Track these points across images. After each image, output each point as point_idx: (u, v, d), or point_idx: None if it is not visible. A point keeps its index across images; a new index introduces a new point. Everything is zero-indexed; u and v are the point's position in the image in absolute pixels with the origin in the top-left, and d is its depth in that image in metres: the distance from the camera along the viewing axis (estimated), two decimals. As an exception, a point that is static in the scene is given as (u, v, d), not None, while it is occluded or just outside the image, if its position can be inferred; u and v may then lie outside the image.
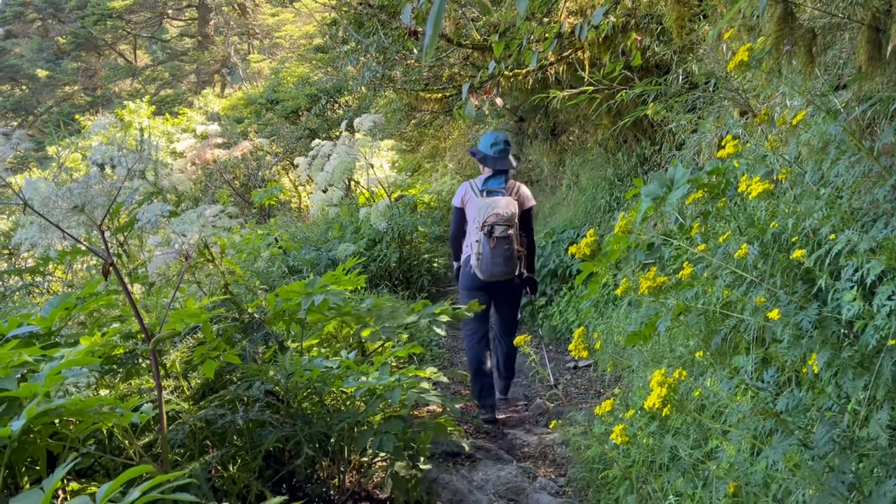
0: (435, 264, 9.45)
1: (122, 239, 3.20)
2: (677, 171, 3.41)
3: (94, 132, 10.21)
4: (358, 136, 8.94)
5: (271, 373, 2.93)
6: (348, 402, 3.41)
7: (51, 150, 13.41)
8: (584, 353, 3.06)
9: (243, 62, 27.00)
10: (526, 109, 10.86)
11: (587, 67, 6.74)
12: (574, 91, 3.76)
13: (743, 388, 2.76)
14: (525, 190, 4.99)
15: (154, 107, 13.43)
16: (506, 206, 4.75)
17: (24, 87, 30.50)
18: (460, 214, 4.99)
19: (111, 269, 2.24)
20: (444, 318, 4.38)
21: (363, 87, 8.04)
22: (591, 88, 3.52)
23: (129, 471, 1.50)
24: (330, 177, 8.56)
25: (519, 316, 5.32)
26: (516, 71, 6.86)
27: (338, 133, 14.17)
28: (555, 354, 7.33)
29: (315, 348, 4.78)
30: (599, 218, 8.77)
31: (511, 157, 5.03)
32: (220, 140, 10.07)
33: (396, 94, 7.60)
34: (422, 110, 9.25)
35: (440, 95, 7.86)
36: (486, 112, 10.79)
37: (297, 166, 9.02)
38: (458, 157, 20.75)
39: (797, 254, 2.45)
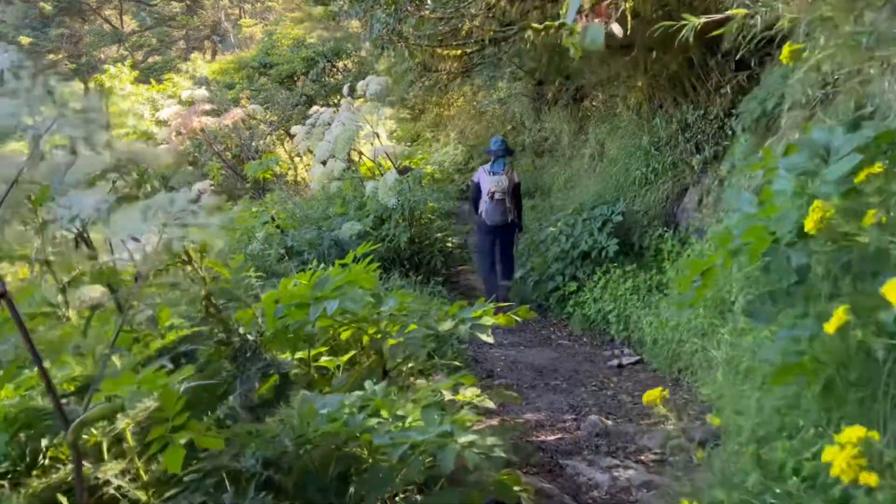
0: (448, 244, 8.53)
1: (58, 237, 2.27)
2: (835, 135, 2.45)
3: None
4: (360, 102, 7.97)
5: (271, 433, 2.04)
6: (374, 457, 2.51)
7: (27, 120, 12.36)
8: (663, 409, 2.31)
9: (234, 27, 25.75)
10: (546, 72, 9.86)
11: None
12: (718, 16, 2.78)
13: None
14: (514, 173, 7.86)
15: (137, 72, 12.41)
16: (501, 181, 7.55)
17: (6, 55, 29.11)
18: (477, 186, 7.76)
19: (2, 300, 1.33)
20: (489, 322, 3.47)
21: (369, 44, 7.06)
22: (744, 12, 2.60)
23: None
24: (332, 147, 7.61)
25: (514, 249, 8.04)
26: None
27: (337, 99, 13.14)
28: (591, 349, 6.46)
29: (323, 358, 3.89)
30: (634, 192, 7.84)
31: (507, 152, 7.88)
32: (207, 106, 9.07)
33: (409, 51, 6.66)
34: (437, 70, 8.28)
35: (459, 52, 6.89)
36: (502, 76, 9.82)
37: (293, 136, 8.04)
38: (460, 125, 19.69)
39: None
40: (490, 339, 3.36)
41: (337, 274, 3.71)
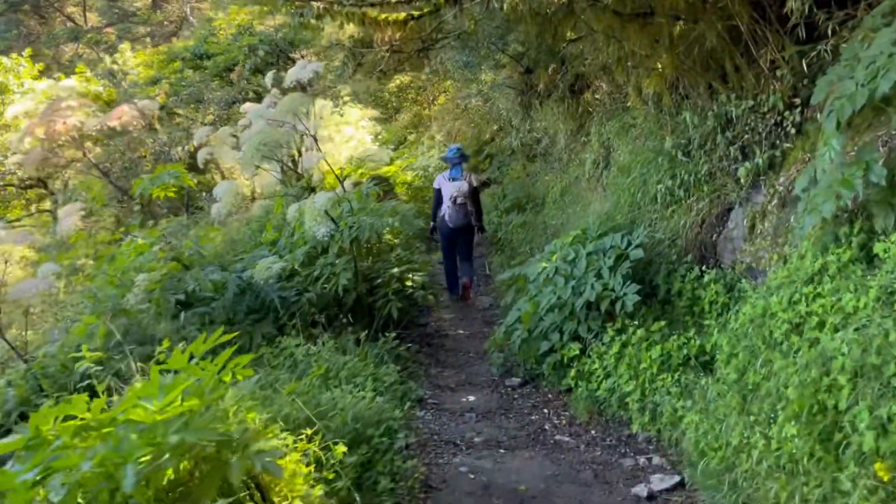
0: (409, 282, 6.43)
1: None
2: None
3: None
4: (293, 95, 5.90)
5: None
6: None
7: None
8: None
9: (202, 23, 23.63)
10: (536, 56, 7.78)
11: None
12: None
13: None
14: (471, 177, 8.16)
15: (42, 64, 10.32)
16: (461, 186, 7.92)
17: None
18: (438, 193, 8.11)
19: None
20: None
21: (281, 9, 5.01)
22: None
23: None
24: (246, 155, 5.54)
25: (476, 238, 8.53)
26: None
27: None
28: (603, 452, 4.37)
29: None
30: (656, 213, 5.77)
31: (463, 159, 8.18)
32: (75, 103, 6.94)
33: (332, 18, 4.64)
34: (376, 46, 6.19)
35: (403, 16, 4.83)
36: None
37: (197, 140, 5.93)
38: (447, 125, 17.65)
39: None
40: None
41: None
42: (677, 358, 4.48)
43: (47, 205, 10.49)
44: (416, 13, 4.91)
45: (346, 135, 18.22)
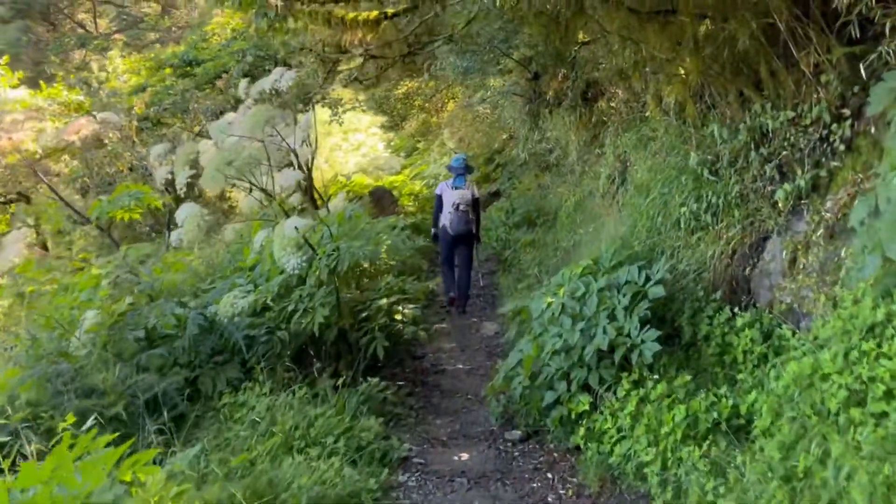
0: (398, 316, 5.69)
1: None
2: None
3: None
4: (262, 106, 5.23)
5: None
6: None
7: None
8: None
9: (192, 28, 23.12)
10: (544, 61, 7.04)
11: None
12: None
13: None
14: (474, 188, 8.29)
15: (22, 73, 9.72)
16: (464, 195, 8.08)
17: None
18: (439, 199, 8.27)
19: None
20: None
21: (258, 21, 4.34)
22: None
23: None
24: (207, 176, 4.87)
25: (475, 249, 8.67)
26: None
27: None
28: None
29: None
30: (678, 240, 5.02)
31: (466, 169, 8.26)
32: (21, 116, 6.28)
33: (294, 18, 3.96)
34: (347, 51, 5.47)
35: (375, 15, 4.12)
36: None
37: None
38: (458, 132, 16.95)
39: None
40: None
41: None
42: (706, 422, 3.72)
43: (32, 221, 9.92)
44: (389, 11, 4.22)
45: (356, 142, 17.60)
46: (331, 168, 14.52)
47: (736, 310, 4.33)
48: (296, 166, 5.79)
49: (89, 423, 4.00)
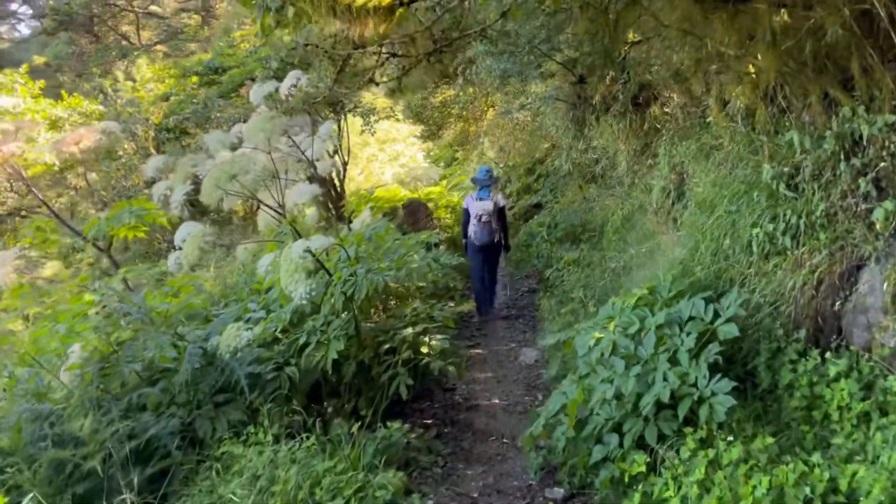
0: (425, 348, 5.06)
1: None
2: None
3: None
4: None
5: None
6: None
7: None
8: None
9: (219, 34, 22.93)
10: (590, 62, 6.36)
11: None
12: None
13: None
14: (499, 197, 8.43)
15: (43, 81, 9.43)
16: (487, 206, 8.26)
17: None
18: (467, 212, 8.52)
19: None
20: None
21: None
22: None
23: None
24: (206, 192, 4.34)
25: (502, 256, 8.93)
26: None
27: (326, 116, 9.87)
28: None
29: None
30: (751, 267, 4.29)
31: (492, 181, 8.48)
32: (10, 126, 5.88)
33: (292, 4, 3.42)
34: (359, 46, 4.88)
35: (387, 2, 3.51)
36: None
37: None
38: (498, 141, 16.33)
39: None
40: None
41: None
42: (795, 499, 3.00)
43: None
44: (405, -4, 3.60)
45: (394, 152, 17.12)
46: (366, 180, 14.01)
47: (827, 354, 3.59)
48: (316, 179, 5.23)
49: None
